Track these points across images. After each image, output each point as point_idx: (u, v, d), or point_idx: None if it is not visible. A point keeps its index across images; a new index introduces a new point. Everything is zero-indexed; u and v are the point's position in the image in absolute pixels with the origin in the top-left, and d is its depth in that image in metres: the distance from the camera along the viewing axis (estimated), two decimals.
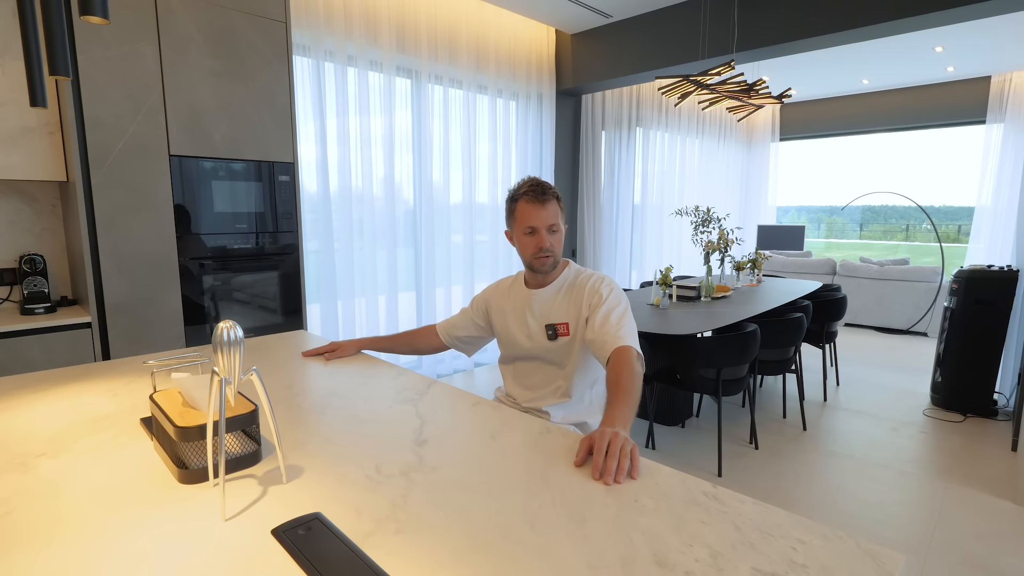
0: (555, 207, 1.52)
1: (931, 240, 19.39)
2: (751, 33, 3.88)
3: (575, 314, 1.53)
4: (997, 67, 5.93)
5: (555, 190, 1.54)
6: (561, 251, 1.57)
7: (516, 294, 1.65)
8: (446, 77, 4.23)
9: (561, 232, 1.55)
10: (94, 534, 0.78)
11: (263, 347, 1.87)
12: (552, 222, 1.51)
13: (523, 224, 1.51)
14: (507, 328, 1.65)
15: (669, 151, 6.59)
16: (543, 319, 1.57)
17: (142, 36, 2.37)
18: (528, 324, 1.60)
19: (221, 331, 0.84)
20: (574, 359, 1.56)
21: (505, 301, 1.67)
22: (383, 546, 0.75)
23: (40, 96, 1.03)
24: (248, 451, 1.00)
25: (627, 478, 0.94)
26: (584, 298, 1.52)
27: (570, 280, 1.59)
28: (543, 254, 1.52)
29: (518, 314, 1.63)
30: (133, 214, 2.43)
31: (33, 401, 1.33)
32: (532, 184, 1.52)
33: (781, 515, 0.82)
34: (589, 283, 1.54)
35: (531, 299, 1.60)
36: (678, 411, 3.45)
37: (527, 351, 1.62)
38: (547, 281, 1.60)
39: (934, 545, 2.23)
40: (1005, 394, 3.62)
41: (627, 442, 1.00)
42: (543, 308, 1.58)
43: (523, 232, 1.52)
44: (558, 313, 1.56)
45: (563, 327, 1.54)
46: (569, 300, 1.55)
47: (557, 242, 1.54)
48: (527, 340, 1.60)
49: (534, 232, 1.51)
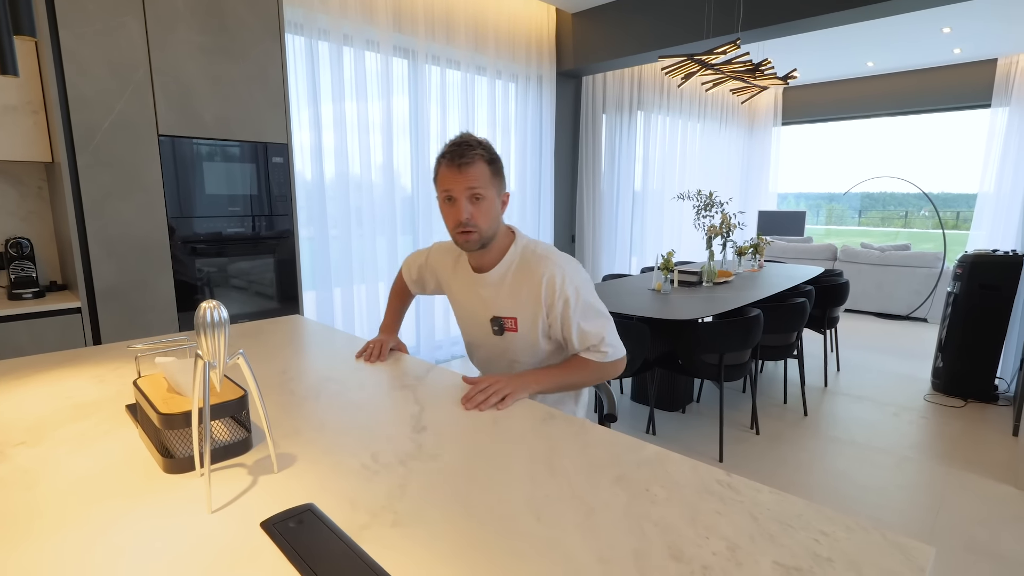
0: (481, 170, 1.23)
1: (929, 227, 19.34)
2: (757, 11, 3.78)
3: (529, 310, 1.32)
4: (1004, 49, 5.83)
5: (485, 149, 1.25)
6: (493, 225, 1.29)
7: (462, 274, 1.43)
8: (444, 58, 4.13)
9: (491, 201, 1.26)
10: (72, 527, 0.74)
11: (258, 332, 1.82)
12: (473, 186, 1.22)
13: (440, 189, 1.26)
14: (459, 309, 1.48)
15: (670, 135, 6.50)
16: (488, 309, 1.37)
17: (127, 9, 2.28)
18: (475, 311, 1.41)
19: (204, 311, 0.78)
20: (526, 356, 1.39)
21: (452, 279, 1.47)
22: (379, 539, 0.71)
23: (10, 63, 0.96)
24: (237, 439, 0.96)
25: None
26: (542, 296, 1.29)
27: (517, 263, 1.34)
28: (463, 228, 1.25)
29: (465, 297, 1.44)
30: (122, 196, 2.36)
31: (15, 387, 1.28)
32: (454, 143, 1.24)
33: (800, 505, 0.77)
34: (546, 277, 1.29)
35: (475, 284, 1.38)
36: (679, 397, 3.42)
37: (474, 339, 1.48)
38: (489, 263, 1.35)
39: (936, 530, 2.21)
40: (1006, 379, 3.60)
41: (505, 388, 1.15)
42: (488, 296, 1.37)
43: (442, 199, 1.27)
44: (505, 304, 1.34)
45: (510, 322, 1.34)
46: (518, 290, 1.32)
47: (482, 213, 1.25)
48: (474, 328, 1.45)
49: (452, 200, 1.24)
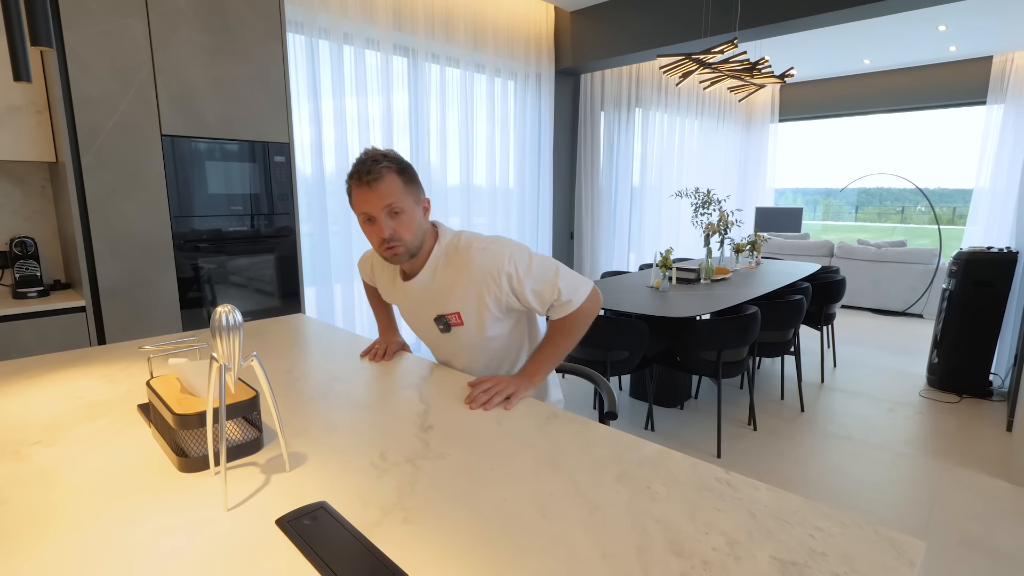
0: (392, 183, 1.21)
1: (926, 222, 19.41)
2: (754, 10, 3.80)
3: (471, 301, 1.31)
4: (999, 47, 5.86)
5: (393, 161, 1.23)
6: (417, 235, 1.28)
7: (397, 286, 1.43)
8: (443, 56, 4.15)
9: (410, 212, 1.25)
10: (92, 524, 0.76)
11: (261, 331, 1.84)
12: (389, 202, 1.21)
13: (358, 212, 1.24)
14: (405, 316, 1.48)
15: (668, 132, 6.52)
16: (429, 311, 1.38)
17: (130, 10, 2.29)
18: (419, 315, 1.42)
19: (220, 315, 0.80)
20: (480, 346, 1.39)
21: (392, 290, 1.48)
22: (391, 536, 0.73)
23: (24, 70, 0.98)
24: (249, 438, 0.98)
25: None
26: (482, 286, 1.29)
27: (443, 258, 1.33)
28: (388, 244, 1.24)
29: (406, 305, 1.45)
30: (125, 195, 2.38)
31: (27, 387, 1.30)
32: (359, 160, 1.22)
33: (796, 501, 0.80)
34: (477, 268, 1.28)
35: (408, 292, 1.40)
36: (677, 393, 3.46)
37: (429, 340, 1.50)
38: (416, 268, 1.35)
39: (931, 525, 2.25)
40: (1001, 375, 3.64)
41: (508, 388, 1.18)
42: (423, 300, 1.38)
43: (361, 220, 1.26)
44: (445, 301, 1.34)
45: (454, 317, 1.34)
46: (452, 285, 1.32)
47: (404, 226, 1.24)
48: (424, 330, 1.45)
49: (371, 220, 1.24)
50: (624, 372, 2.88)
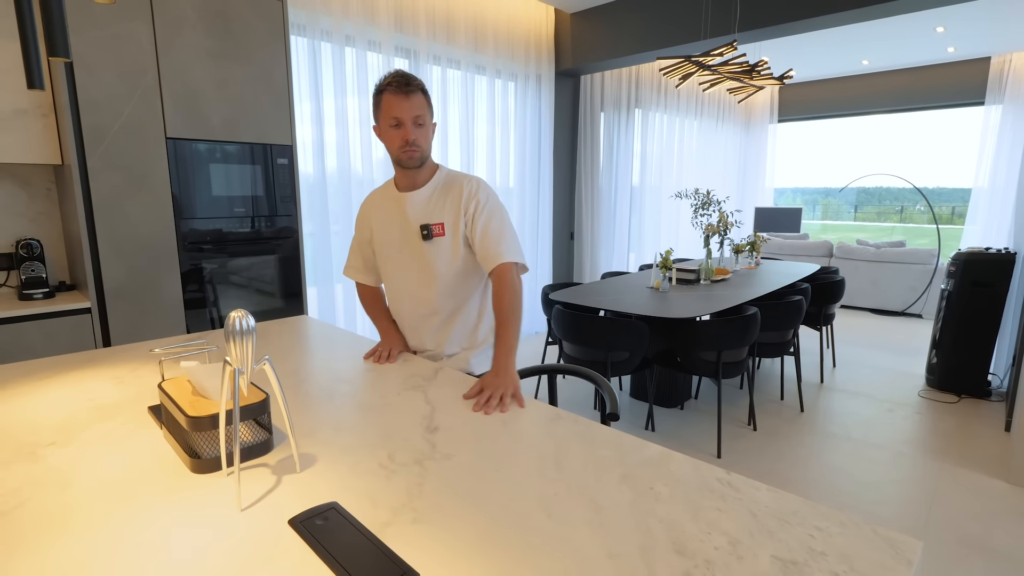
0: (421, 99, 1.46)
1: (925, 222, 19.44)
2: (753, 13, 3.82)
3: (452, 216, 1.54)
4: (997, 48, 5.88)
5: (421, 82, 1.49)
6: (429, 147, 1.53)
7: (389, 198, 1.62)
8: (444, 57, 4.16)
9: (428, 127, 1.50)
10: (107, 524, 0.78)
11: (266, 332, 1.86)
12: (417, 113, 1.46)
13: (388, 116, 1.46)
14: (385, 235, 1.62)
15: (668, 133, 6.54)
16: (417, 220, 1.56)
17: (136, 15, 2.31)
18: (403, 228, 1.58)
19: (233, 320, 0.82)
20: (449, 263, 1.56)
21: (380, 210, 1.64)
22: (402, 536, 0.75)
23: (37, 78, 1.00)
24: (260, 440, 1.00)
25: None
26: (462, 201, 1.53)
27: (443, 182, 1.58)
28: (410, 147, 1.48)
29: (391, 217, 1.61)
30: (130, 197, 2.39)
31: (38, 389, 1.32)
32: (397, 75, 1.46)
33: (796, 502, 0.82)
34: (465, 186, 1.54)
35: (404, 202, 1.57)
36: (677, 393, 3.48)
37: (400, 255, 1.61)
38: (419, 182, 1.57)
39: (930, 524, 2.27)
40: (999, 375, 3.67)
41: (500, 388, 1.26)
42: (417, 210, 1.56)
43: (389, 125, 1.47)
44: (433, 214, 1.55)
45: (438, 227, 1.54)
46: (444, 201, 1.55)
47: (423, 136, 1.49)
48: (400, 242, 1.59)
49: (399, 124, 1.46)
50: (624, 373, 2.90)
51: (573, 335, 2.85)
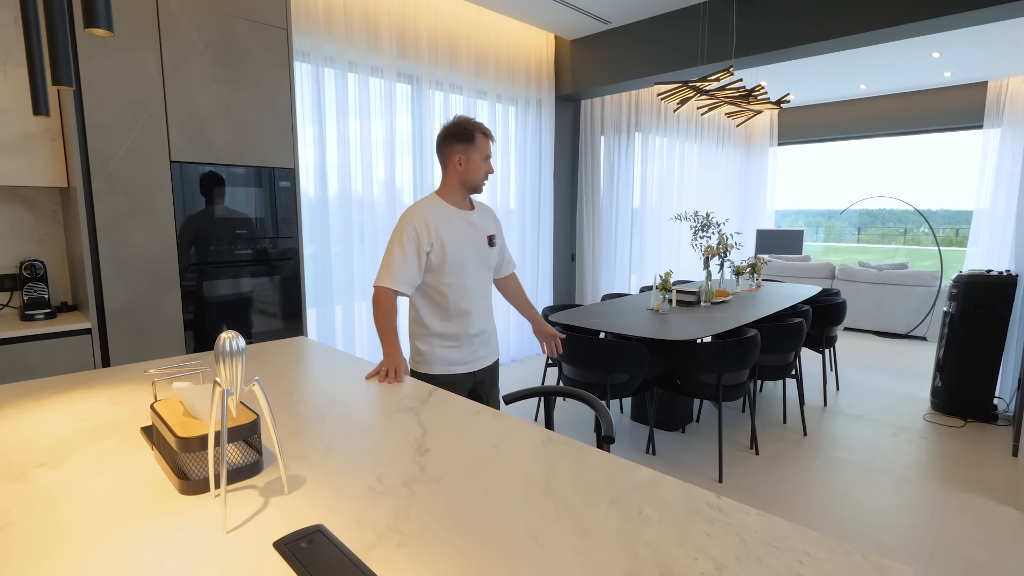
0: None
1: (929, 244, 19.41)
2: (750, 39, 3.89)
3: (495, 229, 2.05)
4: (994, 72, 5.95)
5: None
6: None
7: (455, 216, 1.93)
8: (446, 83, 4.24)
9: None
10: (95, 545, 0.78)
11: (263, 354, 1.87)
12: (490, 153, 1.94)
13: (483, 152, 1.88)
14: (458, 244, 1.91)
15: (668, 156, 6.61)
16: (484, 232, 1.99)
17: (144, 43, 2.37)
18: (475, 238, 1.96)
19: (223, 341, 0.83)
20: (497, 263, 2.08)
21: (450, 226, 1.92)
22: (386, 559, 0.75)
23: (43, 105, 1.03)
24: (249, 461, 1.00)
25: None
26: (493, 220, 2.05)
27: (479, 203, 2.05)
28: (489, 176, 1.97)
29: (463, 230, 1.93)
30: (134, 220, 2.43)
31: (33, 409, 1.33)
32: (480, 123, 1.90)
33: (786, 527, 0.81)
34: (489, 208, 2.07)
35: (470, 219, 1.97)
36: (678, 416, 3.45)
37: (475, 262, 1.94)
38: (470, 205, 1.99)
39: (936, 551, 2.22)
40: (1005, 399, 3.62)
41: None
42: (480, 224, 1.98)
43: (482, 158, 1.89)
44: (488, 227, 2.01)
45: (492, 237, 2.01)
46: (487, 218, 2.02)
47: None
48: (475, 250, 1.95)
49: (487, 159, 1.91)
50: (624, 395, 2.89)
51: (572, 357, 2.85)
